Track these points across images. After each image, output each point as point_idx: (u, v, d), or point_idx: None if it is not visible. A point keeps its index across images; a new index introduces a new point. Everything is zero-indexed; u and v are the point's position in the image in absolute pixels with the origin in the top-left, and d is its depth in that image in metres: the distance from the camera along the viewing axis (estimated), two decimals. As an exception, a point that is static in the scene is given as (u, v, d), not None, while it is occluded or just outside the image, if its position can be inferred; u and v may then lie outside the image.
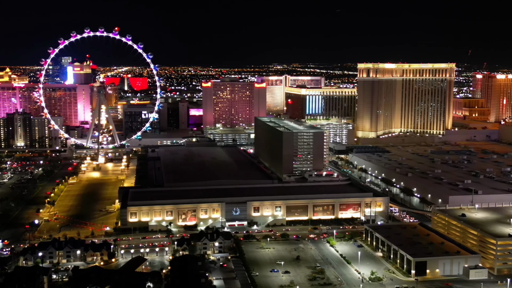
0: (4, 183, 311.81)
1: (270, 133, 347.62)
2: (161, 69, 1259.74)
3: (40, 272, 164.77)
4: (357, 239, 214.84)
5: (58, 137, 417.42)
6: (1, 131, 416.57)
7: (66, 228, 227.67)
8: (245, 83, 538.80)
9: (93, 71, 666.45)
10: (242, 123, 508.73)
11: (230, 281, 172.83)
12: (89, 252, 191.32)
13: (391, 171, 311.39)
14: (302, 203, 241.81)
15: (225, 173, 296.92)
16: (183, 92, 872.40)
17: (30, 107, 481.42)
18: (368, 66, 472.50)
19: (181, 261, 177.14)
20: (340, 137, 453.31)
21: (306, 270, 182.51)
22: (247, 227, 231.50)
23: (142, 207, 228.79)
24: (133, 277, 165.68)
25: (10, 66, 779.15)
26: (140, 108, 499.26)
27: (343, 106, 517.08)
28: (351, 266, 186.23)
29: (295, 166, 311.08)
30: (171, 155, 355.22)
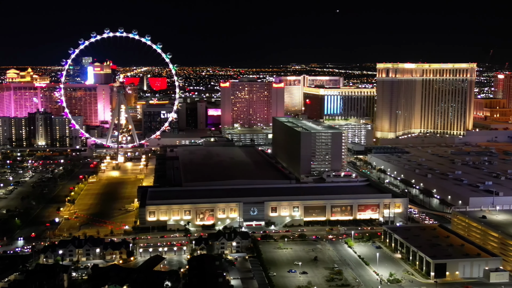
0: (25, 182, 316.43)
1: (288, 133, 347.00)
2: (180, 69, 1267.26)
3: (60, 270, 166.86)
4: (376, 240, 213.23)
5: (78, 137, 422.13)
6: (23, 130, 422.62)
7: (85, 226, 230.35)
8: (263, 83, 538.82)
9: (113, 71, 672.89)
10: (260, 123, 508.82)
11: (248, 281, 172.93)
12: (108, 251, 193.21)
13: (410, 172, 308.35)
14: (320, 204, 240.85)
15: (243, 173, 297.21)
16: (201, 92, 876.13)
17: (51, 106, 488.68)
18: (387, 66, 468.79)
19: (199, 261, 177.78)
20: (358, 137, 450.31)
21: (323, 271, 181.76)
22: (264, 227, 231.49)
23: (161, 206, 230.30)
24: (152, 275, 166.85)
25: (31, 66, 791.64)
26: (159, 108, 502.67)
27: (362, 106, 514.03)
28: (369, 267, 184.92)
29: (313, 166, 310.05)
30: (190, 154, 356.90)
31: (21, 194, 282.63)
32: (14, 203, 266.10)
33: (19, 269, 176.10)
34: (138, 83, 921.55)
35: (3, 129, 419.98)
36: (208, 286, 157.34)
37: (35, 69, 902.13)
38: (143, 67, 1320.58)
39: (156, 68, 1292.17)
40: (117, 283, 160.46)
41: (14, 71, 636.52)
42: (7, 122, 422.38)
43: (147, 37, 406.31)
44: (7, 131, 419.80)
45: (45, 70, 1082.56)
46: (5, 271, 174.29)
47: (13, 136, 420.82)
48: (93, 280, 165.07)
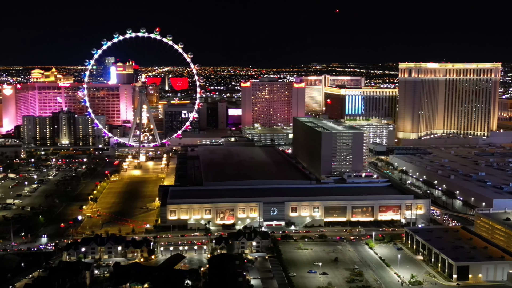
0: (49, 180, 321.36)
1: (308, 133, 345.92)
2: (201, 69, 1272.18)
3: (83, 267, 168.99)
4: (397, 242, 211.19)
5: (101, 136, 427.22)
6: (47, 129, 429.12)
7: (108, 224, 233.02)
8: (283, 83, 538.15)
9: (135, 71, 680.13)
10: (281, 123, 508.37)
11: (267, 281, 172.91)
12: (130, 249, 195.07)
13: (433, 173, 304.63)
14: (340, 204, 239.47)
15: (263, 173, 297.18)
16: (222, 92, 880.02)
17: (75, 106, 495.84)
18: (410, 66, 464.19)
19: (219, 260, 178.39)
20: (380, 138, 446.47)
21: (344, 272, 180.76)
22: (284, 227, 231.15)
23: (182, 205, 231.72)
24: (172, 274, 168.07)
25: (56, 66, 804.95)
26: (180, 107, 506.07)
27: (384, 107, 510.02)
28: (391, 269, 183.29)
29: (334, 166, 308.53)
30: (210, 154, 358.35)
31: (45, 192, 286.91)
32: (38, 201, 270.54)
33: (42, 266, 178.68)
34: (160, 83, 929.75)
35: (28, 128, 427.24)
36: (228, 285, 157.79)
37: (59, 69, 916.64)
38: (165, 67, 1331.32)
39: (178, 68, 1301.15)
40: (138, 281, 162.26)
41: (38, 71, 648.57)
42: (31, 121, 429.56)
43: (169, 37, 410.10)
44: (32, 130, 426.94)
45: (68, 70, 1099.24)
46: (29, 268, 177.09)
47: (38, 135, 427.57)
48: (115, 278, 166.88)
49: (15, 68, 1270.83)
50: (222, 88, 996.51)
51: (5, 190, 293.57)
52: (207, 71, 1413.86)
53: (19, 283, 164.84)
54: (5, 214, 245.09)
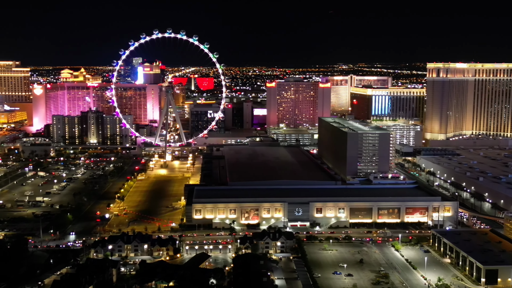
0: (77, 178, 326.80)
1: (334, 134, 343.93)
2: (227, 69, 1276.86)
3: (110, 265, 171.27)
4: (424, 244, 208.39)
5: (128, 135, 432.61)
6: (76, 128, 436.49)
7: (134, 223, 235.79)
8: (309, 83, 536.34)
9: (162, 71, 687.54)
10: (306, 123, 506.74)
11: (292, 281, 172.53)
12: (156, 247, 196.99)
13: (461, 175, 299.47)
14: (366, 206, 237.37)
15: (288, 173, 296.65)
16: (247, 92, 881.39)
17: (103, 106, 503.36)
18: (438, 66, 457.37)
19: (244, 259, 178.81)
20: (407, 139, 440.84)
21: (369, 273, 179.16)
22: (309, 228, 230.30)
23: (207, 204, 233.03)
24: (197, 273, 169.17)
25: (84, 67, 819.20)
26: (206, 107, 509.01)
27: (411, 107, 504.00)
28: (417, 271, 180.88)
29: (360, 167, 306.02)
30: (235, 154, 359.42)
31: (73, 190, 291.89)
32: (67, 198, 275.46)
33: (70, 263, 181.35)
34: (186, 83, 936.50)
35: (57, 127, 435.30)
36: (252, 285, 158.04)
37: (88, 69, 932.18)
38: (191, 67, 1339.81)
39: (204, 69, 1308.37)
40: (164, 279, 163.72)
41: (68, 71, 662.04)
42: (61, 120, 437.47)
43: (195, 37, 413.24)
44: (61, 129, 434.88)
45: (97, 70, 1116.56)
46: (58, 265, 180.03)
47: (67, 134, 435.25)
48: (141, 276, 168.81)
49: (45, 68, 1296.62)
50: (247, 88, 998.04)
51: (35, 188, 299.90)
52: (232, 71, 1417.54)
53: (48, 279, 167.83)
54: (35, 212, 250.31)
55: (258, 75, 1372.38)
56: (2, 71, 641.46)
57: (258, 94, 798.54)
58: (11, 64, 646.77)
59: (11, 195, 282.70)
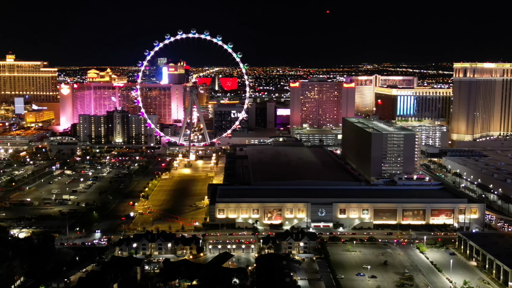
0: (103, 177, 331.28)
1: (358, 134, 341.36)
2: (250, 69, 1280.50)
3: (134, 263, 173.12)
4: (449, 246, 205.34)
5: (153, 135, 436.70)
6: (102, 128, 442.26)
7: (158, 221, 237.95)
8: (333, 83, 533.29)
9: (186, 71, 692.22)
10: (330, 123, 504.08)
11: (315, 282, 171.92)
12: (179, 246, 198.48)
13: (488, 176, 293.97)
14: (390, 207, 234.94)
15: (311, 173, 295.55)
16: (271, 92, 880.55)
17: (128, 105, 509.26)
18: (465, 66, 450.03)
19: (267, 259, 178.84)
20: (433, 139, 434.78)
21: (394, 275, 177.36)
22: (332, 229, 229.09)
23: (230, 204, 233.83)
24: (220, 272, 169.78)
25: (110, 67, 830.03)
26: (229, 107, 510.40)
27: (437, 107, 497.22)
28: (442, 274, 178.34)
29: (384, 168, 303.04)
30: (258, 154, 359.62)
31: (99, 189, 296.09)
32: (93, 197, 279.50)
33: (96, 261, 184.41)
34: (210, 83, 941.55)
35: (84, 126, 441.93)
36: (275, 285, 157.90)
37: (114, 69, 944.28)
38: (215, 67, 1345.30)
39: (227, 69, 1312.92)
40: (187, 278, 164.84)
41: (94, 71, 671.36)
42: (87, 120, 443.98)
43: (218, 37, 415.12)
44: (87, 128, 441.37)
45: (122, 71, 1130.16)
46: (83, 262, 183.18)
47: (93, 133, 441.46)
48: (165, 274, 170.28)
49: (72, 69, 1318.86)
50: (271, 88, 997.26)
51: (62, 186, 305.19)
52: (256, 71, 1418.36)
53: (74, 276, 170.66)
54: (61, 209, 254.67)
55: (281, 75, 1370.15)
56: (30, 71, 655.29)
57: (281, 94, 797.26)
58: (39, 65, 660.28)
59: (38, 193, 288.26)
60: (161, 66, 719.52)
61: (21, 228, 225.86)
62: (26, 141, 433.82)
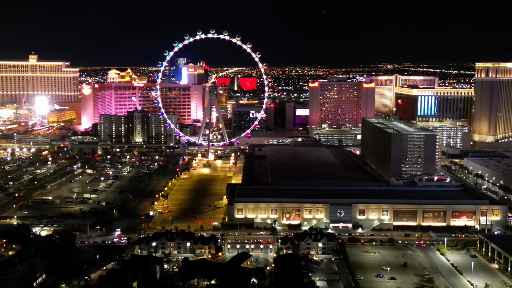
0: (123, 176, 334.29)
1: (378, 135, 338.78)
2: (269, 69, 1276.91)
3: (153, 261, 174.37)
4: (471, 248, 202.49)
5: (173, 134, 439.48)
6: (122, 127, 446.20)
7: (177, 220, 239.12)
8: (353, 83, 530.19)
9: (205, 71, 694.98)
10: (349, 123, 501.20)
11: (334, 283, 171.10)
12: (198, 245, 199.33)
13: (510, 177, 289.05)
14: (411, 208, 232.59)
15: (330, 174, 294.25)
16: (290, 92, 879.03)
17: (148, 105, 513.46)
18: (487, 66, 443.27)
19: (285, 260, 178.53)
20: (454, 140, 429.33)
21: (413, 277, 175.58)
22: (351, 230, 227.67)
23: (248, 204, 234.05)
24: (239, 272, 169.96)
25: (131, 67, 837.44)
26: (248, 107, 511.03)
27: (458, 108, 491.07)
28: (463, 276, 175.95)
29: (404, 169, 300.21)
30: (277, 154, 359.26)
31: (119, 188, 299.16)
32: (113, 196, 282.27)
33: (116, 259, 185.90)
34: (229, 83, 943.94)
35: (104, 126, 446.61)
36: (294, 286, 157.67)
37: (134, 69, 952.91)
38: (234, 67, 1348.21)
39: (246, 69, 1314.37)
40: (206, 277, 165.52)
41: (115, 72, 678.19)
42: (108, 119, 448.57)
43: (237, 37, 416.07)
44: (108, 128, 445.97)
45: (143, 71, 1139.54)
46: (103, 260, 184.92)
47: (113, 132, 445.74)
48: (184, 273, 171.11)
49: (93, 69, 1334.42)
50: (290, 88, 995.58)
51: (83, 185, 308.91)
52: (275, 71, 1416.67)
53: (94, 274, 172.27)
54: (82, 208, 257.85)
55: (300, 75, 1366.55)
56: (52, 71, 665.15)
57: (300, 94, 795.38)
58: (61, 65, 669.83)
59: (60, 192, 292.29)
60: (180, 66, 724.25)
61: (43, 226, 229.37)
62: (48, 140, 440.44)
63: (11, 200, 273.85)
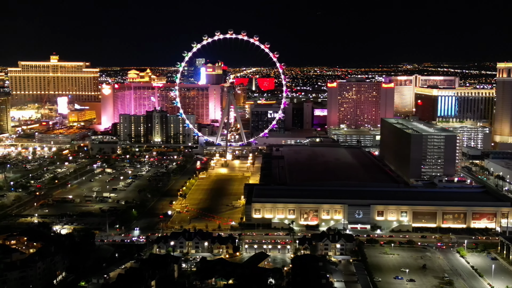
0: (142, 176, 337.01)
1: (397, 135, 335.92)
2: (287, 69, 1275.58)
3: (171, 260, 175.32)
4: (491, 251, 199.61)
5: (191, 134, 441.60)
6: (141, 127, 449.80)
7: (195, 220, 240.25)
8: (371, 83, 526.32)
9: (224, 72, 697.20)
10: (368, 124, 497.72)
11: (351, 284, 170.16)
12: (216, 245, 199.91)
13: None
14: (430, 210, 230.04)
15: (349, 174, 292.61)
16: (308, 92, 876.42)
17: (167, 105, 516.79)
18: (509, 66, 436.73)
19: (303, 260, 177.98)
20: (475, 141, 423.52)
21: (432, 279, 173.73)
22: (369, 231, 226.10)
23: (266, 204, 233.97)
24: (256, 272, 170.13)
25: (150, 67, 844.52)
26: (266, 108, 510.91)
27: (479, 108, 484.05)
28: (484, 279, 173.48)
29: (424, 170, 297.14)
30: (295, 154, 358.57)
31: (138, 187, 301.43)
32: (132, 195, 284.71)
33: (134, 258, 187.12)
34: (247, 83, 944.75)
35: (124, 125, 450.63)
36: (311, 286, 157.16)
37: (153, 69, 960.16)
38: (252, 67, 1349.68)
39: (265, 69, 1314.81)
40: (224, 277, 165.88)
41: (134, 72, 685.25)
42: (127, 119, 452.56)
43: (255, 37, 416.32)
44: (127, 127, 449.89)
45: (162, 71, 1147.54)
46: (122, 259, 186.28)
47: (133, 132, 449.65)
48: (201, 272, 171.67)
49: (113, 69, 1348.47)
50: (308, 88, 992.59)
51: (102, 184, 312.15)
52: (293, 71, 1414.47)
53: (113, 272, 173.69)
54: (102, 207, 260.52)
55: (319, 75, 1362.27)
56: (73, 72, 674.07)
57: (318, 94, 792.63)
58: (81, 65, 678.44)
59: (80, 191, 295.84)
60: (199, 66, 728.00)
61: (63, 224, 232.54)
62: (69, 139, 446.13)
63: (32, 198, 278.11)
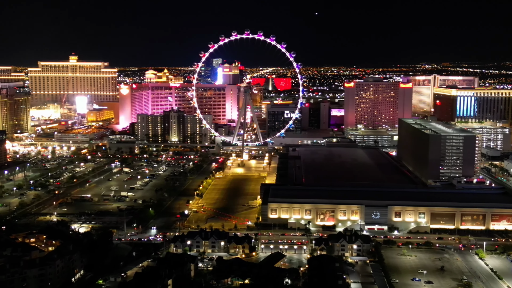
0: (159, 175, 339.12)
1: (415, 136, 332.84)
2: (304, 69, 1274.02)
3: (188, 260, 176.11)
4: (511, 253, 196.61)
5: (208, 134, 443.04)
6: (159, 127, 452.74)
7: (212, 219, 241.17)
8: (389, 83, 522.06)
9: (240, 72, 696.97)
10: (385, 124, 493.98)
11: (368, 286, 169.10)
12: (232, 244, 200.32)
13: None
14: (448, 211, 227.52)
15: (366, 175, 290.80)
16: (325, 92, 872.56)
17: (184, 105, 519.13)
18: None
19: (319, 261, 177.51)
20: (494, 142, 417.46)
21: (451, 281, 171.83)
22: (387, 232, 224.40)
23: (282, 204, 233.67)
24: (272, 272, 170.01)
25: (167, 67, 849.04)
26: (283, 108, 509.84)
27: (499, 109, 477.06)
28: (503, 282, 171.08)
29: (442, 171, 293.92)
30: (311, 154, 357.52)
31: (155, 186, 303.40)
32: (149, 194, 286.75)
33: (151, 256, 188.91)
34: (264, 83, 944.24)
35: (141, 125, 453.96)
36: (327, 287, 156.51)
37: (171, 70, 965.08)
38: (269, 67, 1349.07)
39: (281, 69, 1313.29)
40: (240, 277, 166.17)
41: (152, 72, 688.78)
42: (145, 119, 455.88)
43: (272, 37, 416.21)
44: (145, 127, 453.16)
45: (179, 71, 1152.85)
46: (139, 257, 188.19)
47: (150, 132, 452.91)
48: (218, 272, 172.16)
49: (131, 69, 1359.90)
50: (325, 88, 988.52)
51: (120, 183, 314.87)
52: (310, 71, 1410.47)
53: (130, 271, 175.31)
54: (120, 206, 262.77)
55: (336, 75, 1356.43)
56: (92, 72, 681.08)
57: (335, 94, 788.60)
58: (100, 65, 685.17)
59: (98, 190, 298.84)
60: (216, 66, 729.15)
61: (81, 223, 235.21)
62: (87, 139, 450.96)
63: (51, 197, 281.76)
